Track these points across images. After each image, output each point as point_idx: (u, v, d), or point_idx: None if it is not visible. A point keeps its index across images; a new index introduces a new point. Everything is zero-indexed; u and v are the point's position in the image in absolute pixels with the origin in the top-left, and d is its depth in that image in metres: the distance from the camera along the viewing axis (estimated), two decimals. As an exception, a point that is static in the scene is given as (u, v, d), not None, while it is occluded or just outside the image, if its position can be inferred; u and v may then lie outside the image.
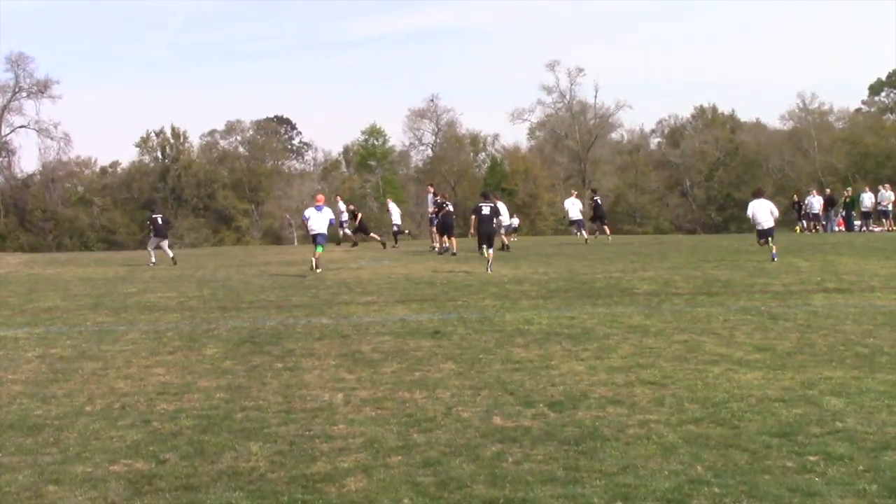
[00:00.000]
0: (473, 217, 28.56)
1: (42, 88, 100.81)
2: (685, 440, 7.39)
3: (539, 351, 11.54)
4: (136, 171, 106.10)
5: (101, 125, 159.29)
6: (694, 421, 7.98)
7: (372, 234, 42.14)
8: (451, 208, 35.63)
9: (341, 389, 9.53)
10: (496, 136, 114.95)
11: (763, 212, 27.13)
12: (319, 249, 27.35)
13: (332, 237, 33.44)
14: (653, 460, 6.87)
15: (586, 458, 6.92)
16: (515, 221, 65.24)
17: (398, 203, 47.27)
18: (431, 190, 39.23)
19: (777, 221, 27.42)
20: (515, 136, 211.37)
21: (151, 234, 33.92)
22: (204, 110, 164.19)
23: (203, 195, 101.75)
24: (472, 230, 30.41)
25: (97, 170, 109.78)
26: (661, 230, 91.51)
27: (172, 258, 32.50)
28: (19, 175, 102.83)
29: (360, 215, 42.97)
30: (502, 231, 39.52)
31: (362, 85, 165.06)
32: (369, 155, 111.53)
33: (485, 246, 26.33)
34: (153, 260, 32.50)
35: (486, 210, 27.54)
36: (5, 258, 42.75)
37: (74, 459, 7.19)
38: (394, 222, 43.05)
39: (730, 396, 8.88)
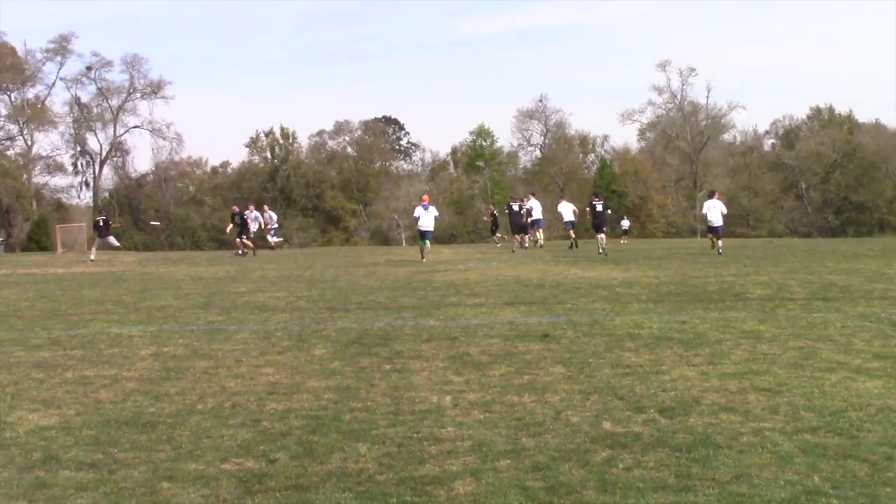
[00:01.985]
0: (588, 210, 37.21)
1: (155, 89, 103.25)
2: (801, 449, 7.25)
3: (650, 355, 11.43)
4: (245, 171, 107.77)
5: (212, 125, 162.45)
6: (810, 430, 7.82)
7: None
8: (516, 209, 40.82)
9: (449, 392, 9.54)
10: (606, 137, 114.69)
11: (714, 211, 33.33)
12: (427, 244, 33.03)
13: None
14: (767, 469, 6.75)
15: (698, 466, 6.83)
16: (626, 223, 65.24)
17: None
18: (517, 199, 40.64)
19: (726, 220, 34.18)
20: (625, 137, 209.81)
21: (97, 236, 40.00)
22: (313, 111, 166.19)
23: (312, 195, 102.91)
24: (587, 217, 38.54)
25: (208, 170, 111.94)
26: (775, 233, 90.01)
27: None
28: (133, 175, 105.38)
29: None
30: (539, 231, 41.34)
31: (470, 85, 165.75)
32: (477, 156, 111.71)
33: (600, 235, 35.31)
34: (92, 258, 38.55)
35: (599, 206, 36.13)
36: (120, 257, 43.74)
37: (187, 457, 7.31)
38: (534, 218, 43.57)
39: (848, 405, 8.69)
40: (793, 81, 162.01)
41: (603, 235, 35.99)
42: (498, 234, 44.53)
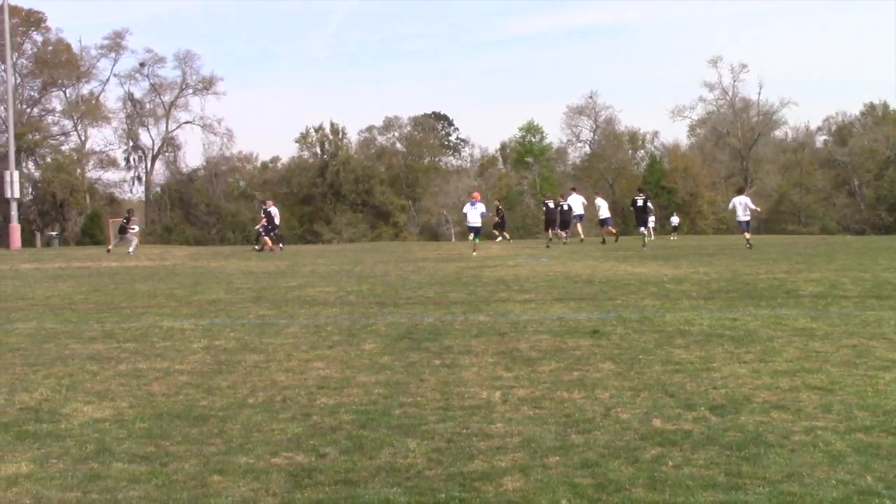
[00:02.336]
0: (632, 207, 40.51)
1: (207, 85, 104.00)
2: (854, 449, 7.16)
3: (700, 352, 11.36)
4: (295, 167, 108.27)
5: (262, 121, 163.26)
6: (864, 429, 7.73)
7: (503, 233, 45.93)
8: (552, 205, 43.93)
9: (499, 387, 9.53)
10: (655, 134, 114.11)
11: (741, 207, 35.43)
12: (476, 239, 35.40)
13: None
14: (819, 469, 6.69)
15: (749, 465, 6.78)
16: (675, 220, 64.92)
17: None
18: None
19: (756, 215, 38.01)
20: (675, 133, 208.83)
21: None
22: (362, 107, 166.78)
23: (361, 190, 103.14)
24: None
25: (258, 165, 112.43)
26: (828, 230, 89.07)
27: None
28: (184, 170, 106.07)
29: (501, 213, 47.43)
30: (578, 226, 42.74)
31: (520, 82, 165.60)
32: (526, 152, 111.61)
33: (642, 228, 39.95)
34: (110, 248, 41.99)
35: (640, 202, 39.94)
36: (172, 251, 44.08)
37: (237, 450, 7.35)
38: (601, 216, 44.26)
39: (902, 405, 8.59)
40: (846, 78, 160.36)
41: (645, 230, 40.39)
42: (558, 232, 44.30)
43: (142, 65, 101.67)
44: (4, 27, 62.33)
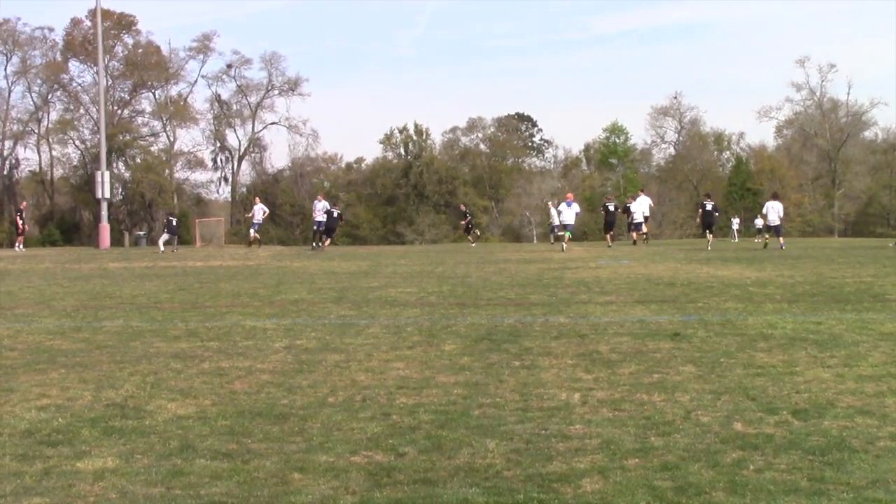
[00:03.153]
0: (699, 210, 42.05)
1: (293, 86, 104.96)
2: (941, 455, 7.02)
3: (783, 356, 11.21)
4: (379, 168, 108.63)
5: (347, 122, 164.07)
6: (951, 435, 7.57)
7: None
8: (612, 208, 46.40)
9: (578, 389, 9.49)
10: (741, 135, 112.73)
11: (773, 211, 38.84)
12: (568, 234, 38.00)
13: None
14: (905, 475, 6.56)
15: (832, 470, 6.67)
16: (759, 222, 64.14)
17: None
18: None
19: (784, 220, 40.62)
20: (761, 134, 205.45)
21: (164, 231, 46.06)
22: (446, 107, 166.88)
23: (444, 192, 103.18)
24: (697, 219, 44.93)
25: (343, 165, 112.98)
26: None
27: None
28: (270, 170, 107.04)
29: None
30: (642, 227, 43.42)
31: (604, 82, 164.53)
32: (610, 153, 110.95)
33: (708, 231, 41.05)
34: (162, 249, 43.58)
35: (708, 207, 41.35)
36: (256, 251, 44.52)
37: (317, 449, 7.40)
38: (646, 214, 45.50)
39: None
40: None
41: (710, 234, 41.41)
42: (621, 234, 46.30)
43: (229, 66, 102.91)
44: (98, 30, 63.56)
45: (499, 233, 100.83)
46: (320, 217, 44.27)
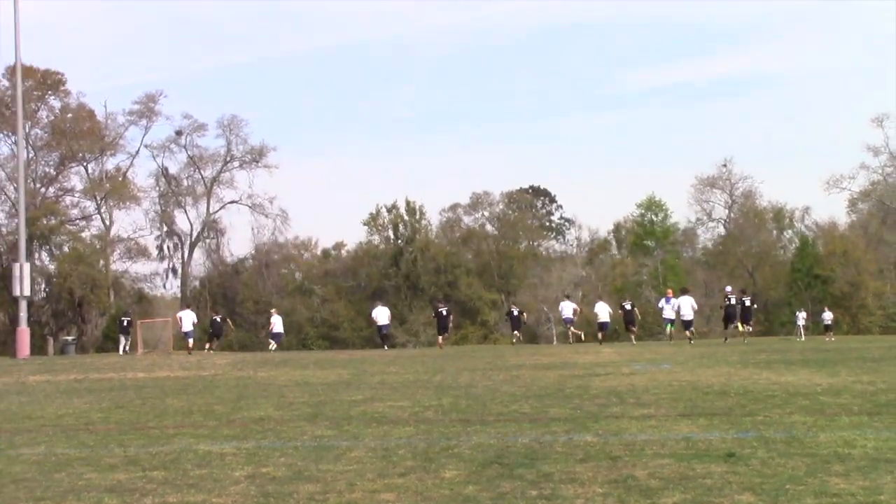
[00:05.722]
0: (739, 306, 50.07)
1: (257, 157, 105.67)
2: None
3: (863, 482, 11.15)
4: (363, 255, 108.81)
5: (323, 199, 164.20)
6: None
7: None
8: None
9: (610, 525, 9.44)
10: (806, 210, 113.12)
11: (686, 305, 49.37)
12: (671, 327, 50.82)
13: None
14: None
15: None
16: (828, 316, 64.47)
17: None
18: None
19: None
20: (831, 209, 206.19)
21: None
22: (445, 180, 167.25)
23: (443, 283, 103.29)
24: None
25: (318, 252, 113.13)
26: None
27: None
28: (229, 259, 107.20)
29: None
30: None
31: (637, 148, 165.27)
32: (646, 233, 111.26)
33: (746, 326, 50.13)
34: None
35: (747, 302, 50.66)
36: (211, 358, 44.49)
37: None
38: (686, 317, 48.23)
39: None
40: None
41: (748, 327, 50.81)
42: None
43: (178, 133, 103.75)
44: (17, 91, 64.02)
45: (510, 332, 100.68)
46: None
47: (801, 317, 66.31)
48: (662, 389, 21.84)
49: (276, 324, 55.31)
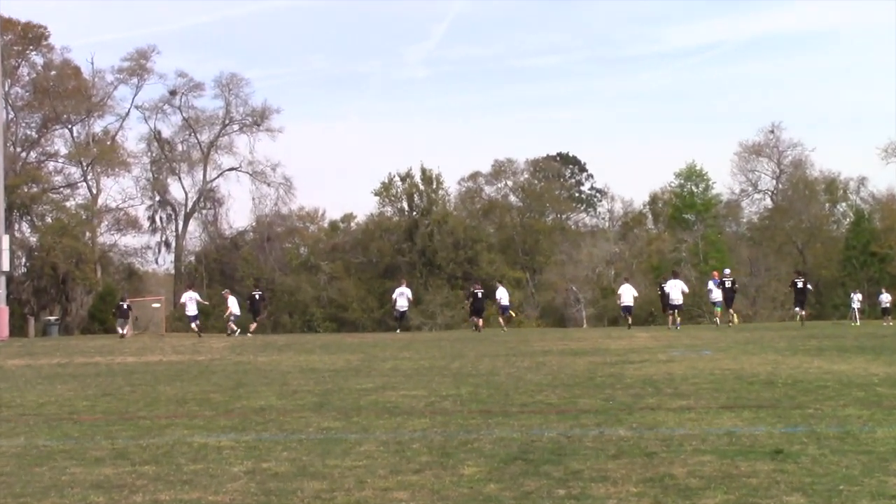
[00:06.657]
0: (790, 287, 53.84)
1: (258, 120, 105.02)
2: None
3: (925, 482, 11.12)
4: (375, 228, 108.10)
5: (331, 167, 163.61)
6: None
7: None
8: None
9: (646, 528, 9.42)
10: (862, 181, 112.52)
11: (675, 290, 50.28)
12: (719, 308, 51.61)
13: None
14: None
15: None
16: (886, 298, 64.13)
17: None
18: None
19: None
20: (889, 179, 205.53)
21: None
22: (465, 147, 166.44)
23: (462, 259, 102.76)
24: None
25: (325, 225, 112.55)
26: None
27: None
28: (227, 232, 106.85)
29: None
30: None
31: (676, 112, 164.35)
32: (686, 206, 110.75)
33: (799, 309, 52.96)
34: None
35: (799, 284, 51.96)
36: (208, 341, 44.53)
37: None
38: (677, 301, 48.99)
39: None
40: None
41: (803, 310, 52.63)
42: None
43: (172, 93, 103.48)
44: (-6, 47, 63.82)
45: (536, 314, 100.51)
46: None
47: (857, 299, 65.92)
48: (703, 378, 21.81)
49: (233, 306, 54.71)
